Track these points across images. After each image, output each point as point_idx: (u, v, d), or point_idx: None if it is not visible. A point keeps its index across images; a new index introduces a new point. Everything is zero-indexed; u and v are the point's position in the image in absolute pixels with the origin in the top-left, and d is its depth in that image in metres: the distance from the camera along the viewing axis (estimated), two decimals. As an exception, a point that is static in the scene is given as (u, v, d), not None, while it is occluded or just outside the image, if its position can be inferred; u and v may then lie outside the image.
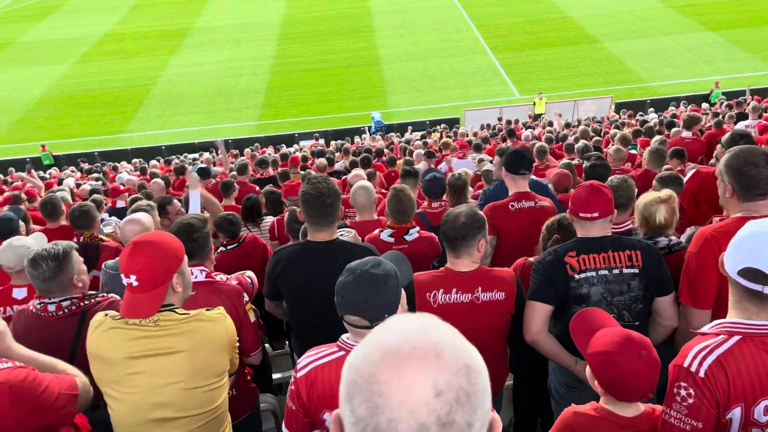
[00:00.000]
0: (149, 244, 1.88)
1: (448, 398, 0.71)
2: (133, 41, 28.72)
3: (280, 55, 26.46)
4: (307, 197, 2.52)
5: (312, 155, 11.58)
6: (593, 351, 1.71)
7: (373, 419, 0.72)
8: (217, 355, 1.89)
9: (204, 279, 2.47)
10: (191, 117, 21.27)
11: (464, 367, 0.74)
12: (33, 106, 22.85)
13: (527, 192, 3.59)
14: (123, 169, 13.71)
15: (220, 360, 1.90)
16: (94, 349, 1.89)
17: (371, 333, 0.80)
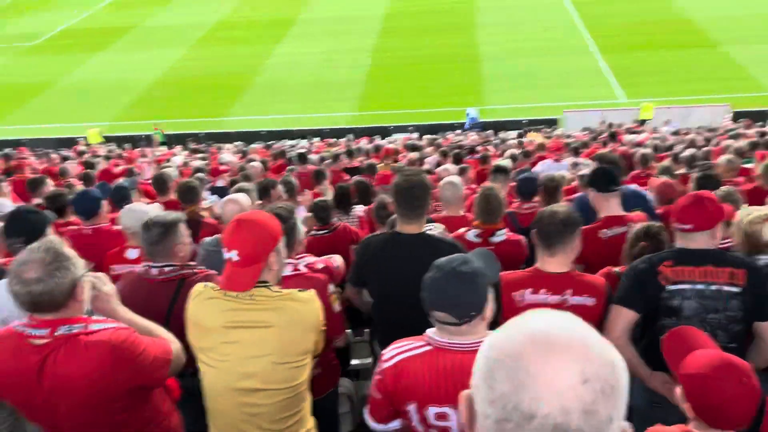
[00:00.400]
0: (251, 222, 1.99)
1: (594, 387, 0.71)
2: (242, 29, 30.03)
3: (380, 49, 26.78)
4: (400, 188, 2.57)
5: (405, 148, 11.66)
6: (688, 372, 1.62)
7: (515, 396, 0.72)
8: (304, 334, 1.97)
9: (291, 273, 2.56)
10: (290, 105, 22.00)
11: (611, 361, 0.75)
12: (150, 87, 24.48)
13: (620, 216, 3.21)
14: (225, 150, 14.40)
15: (306, 340, 1.98)
16: (192, 316, 2.02)
17: (510, 322, 0.81)
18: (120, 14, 34.24)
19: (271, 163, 9.93)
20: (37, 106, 23.52)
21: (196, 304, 2.03)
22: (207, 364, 1.98)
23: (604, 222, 3.22)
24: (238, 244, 1.94)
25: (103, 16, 34.06)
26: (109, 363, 1.80)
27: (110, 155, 12.89)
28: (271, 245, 1.99)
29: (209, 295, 1.99)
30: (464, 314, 1.65)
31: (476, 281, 1.67)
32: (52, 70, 26.70)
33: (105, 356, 1.80)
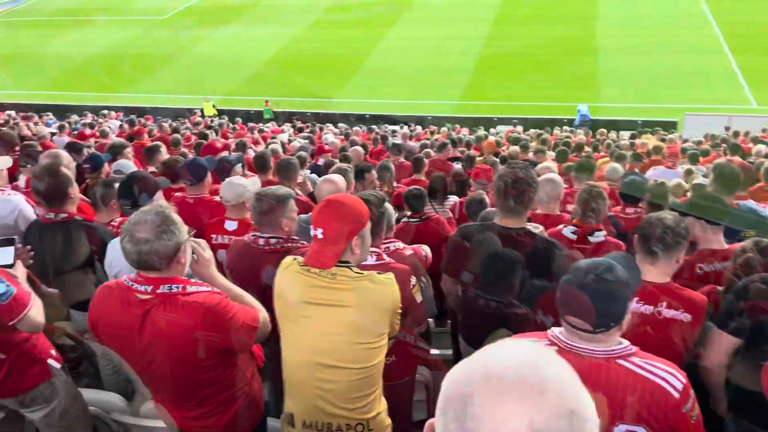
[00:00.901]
0: (339, 203, 2.04)
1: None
2: (357, 10, 30.47)
3: (493, 37, 26.24)
4: (503, 180, 2.53)
5: (507, 141, 11.40)
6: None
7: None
8: (380, 316, 2.00)
9: (374, 262, 2.60)
10: (397, 90, 22.11)
11: (569, 411, 0.68)
12: (265, 64, 25.48)
13: (723, 249, 2.84)
14: (329, 131, 14.77)
15: (382, 322, 2.01)
16: (279, 287, 2.12)
17: (479, 351, 0.76)
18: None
19: (372, 147, 10.06)
20: (164, 76, 25.21)
21: (283, 276, 2.11)
22: (287, 336, 2.07)
23: (699, 256, 2.89)
24: (324, 222, 2.01)
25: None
26: (201, 323, 1.92)
27: (217, 128, 13.56)
28: (356, 228, 2.04)
29: (295, 269, 2.07)
30: (602, 324, 1.59)
31: (620, 291, 1.60)
32: (177, 44, 28.48)
33: (198, 316, 1.93)
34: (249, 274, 2.81)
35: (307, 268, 2.02)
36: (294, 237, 2.96)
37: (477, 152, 8.81)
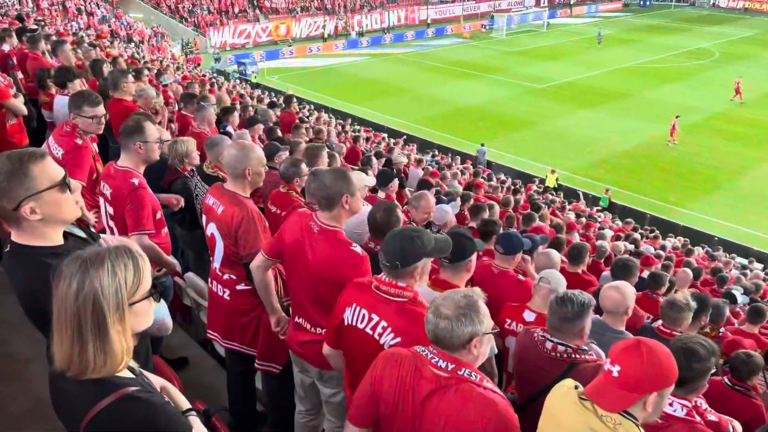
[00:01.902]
0: (652, 351, 1.84)
1: None
2: (743, 126, 27.40)
3: None
4: None
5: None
6: None
7: None
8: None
9: (683, 415, 2.25)
10: (760, 220, 19.07)
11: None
12: (619, 153, 24.73)
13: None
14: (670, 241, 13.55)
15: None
16: (550, 404, 1.99)
17: None
18: (620, 80, 35.50)
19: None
20: (517, 138, 26.53)
21: (558, 398, 1.99)
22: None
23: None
24: (626, 361, 1.83)
25: (603, 78, 35.89)
26: (488, 423, 1.87)
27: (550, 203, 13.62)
28: (659, 385, 1.82)
29: (573, 399, 1.92)
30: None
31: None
32: (542, 112, 29.70)
33: (487, 415, 1.87)
34: (529, 371, 2.75)
35: (589, 402, 1.87)
36: (584, 348, 2.77)
37: None
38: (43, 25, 17.64)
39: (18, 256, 2.07)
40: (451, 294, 1.97)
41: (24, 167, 1.97)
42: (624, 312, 3.51)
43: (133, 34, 34.40)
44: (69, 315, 1.50)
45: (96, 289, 1.51)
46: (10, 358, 3.92)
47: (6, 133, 5.48)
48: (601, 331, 3.39)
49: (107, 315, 1.53)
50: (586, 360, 2.70)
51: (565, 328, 2.72)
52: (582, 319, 2.71)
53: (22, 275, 2.06)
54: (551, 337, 2.75)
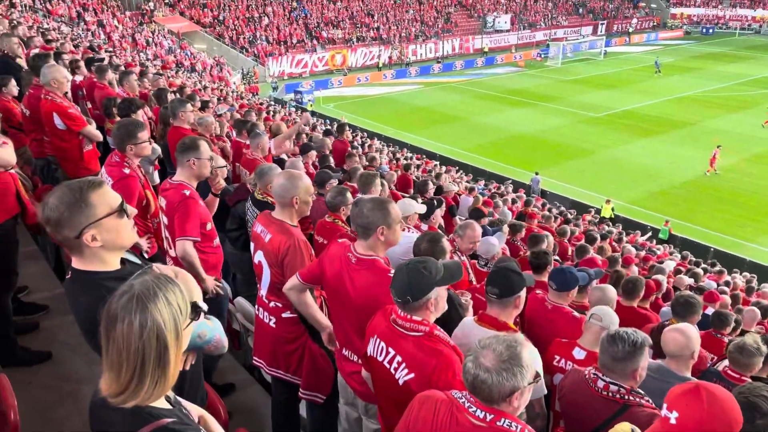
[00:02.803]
0: (715, 399, 1.72)
1: None
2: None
3: None
4: None
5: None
6: None
7: None
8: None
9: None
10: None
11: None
12: (679, 184, 23.89)
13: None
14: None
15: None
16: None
17: None
18: (681, 109, 34.50)
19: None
20: (572, 166, 26.03)
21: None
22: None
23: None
24: (685, 409, 1.72)
25: (663, 106, 34.93)
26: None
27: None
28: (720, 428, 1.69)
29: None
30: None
31: None
32: (598, 141, 29.10)
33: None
34: (579, 411, 2.63)
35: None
36: (638, 390, 2.63)
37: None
38: (112, 55, 18.62)
39: (79, 281, 2.15)
40: (493, 343, 1.88)
41: (84, 196, 2.05)
42: (689, 356, 3.29)
43: (196, 64, 35.89)
44: (131, 353, 1.51)
45: (159, 323, 1.52)
46: (67, 379, 4.04)
47: (83, 159, 5.78)
48: (663, 378, 3.16)
49: (170, 346, 1.55)
50: (640, 404, 2.55)
51: (616, 367, 2.59)
52: (635, 360, 2.57)
53: (83, 300, 2.12)
54: (603, 376, 2.63)
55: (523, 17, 57.22)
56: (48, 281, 5.31)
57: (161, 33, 38.24)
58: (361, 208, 3.00)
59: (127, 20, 37.90)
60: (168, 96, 8.38)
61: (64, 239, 2.07)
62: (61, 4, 35.28)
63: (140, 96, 8.27)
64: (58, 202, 2.03)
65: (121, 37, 34.95)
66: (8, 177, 3.96)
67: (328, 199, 4.78)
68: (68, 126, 5.63)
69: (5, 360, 3.75)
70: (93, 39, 28.32)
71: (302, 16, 46.81)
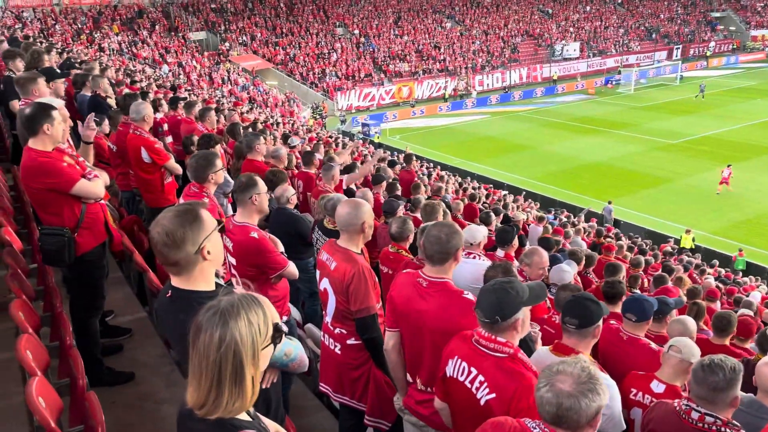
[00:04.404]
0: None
1: None
2: None
3: None
4: None
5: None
6: None
7: None
8: None
9: None
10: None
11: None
12: (762, 214, 22.52)
13: None
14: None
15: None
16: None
17: None
18: (764, 134, 32.69)
19: None
20: (647, 195, 25.08)
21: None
22: None
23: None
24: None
25: (745, 132, 33.23)
26: None
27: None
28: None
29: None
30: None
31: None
32: (675, 169, 27.94)
33: None
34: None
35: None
36: (734, 423, 2.50)
37: None
38: (190, 93, 19.71)
39: (180, 300, 2.31)
40: (563, 366, 1.83)
41: (197, 213, 2.27)
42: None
43: (268, 99, 37.37)
44: (210, 363, 1.62)
45: (237, 340, 1.63)
46: (147, 398, 4.23)
47: (164, 191, 6.14)
48: (758, 413, 2.98)
49: (245, 363, 1.64)
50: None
51: (717, 398, 2.48)
52: (735, 387, 2.49)
53: (183, 318, 2.23)
54: (697, 407, 2.52)
55: (593, 44, 56.26)
56: (131, 306, 5.61)
57: (236, 71, 40.15)
58: (438, 234, 3.02)
59: (204, 60, 40.07)
60: (241, 130, 8.78)
61: (184, 256, 2.23)
62: (146, 47, 37.81)
63: (217, 132, 8.71)
64: (177, 223, 2.21)
65: (199, 76, 36.94)
66: (98, 207, 4.24)
67: (394, 230, 4.84)
68: (153, 159, 6.01)
69: (92, 380, 3.97)
70: (173, 79, 30.09)
71: (370, 51, 47.95)
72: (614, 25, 59.65)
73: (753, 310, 8.79)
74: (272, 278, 4.04)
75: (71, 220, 4.04)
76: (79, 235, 4.07)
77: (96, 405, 2.99)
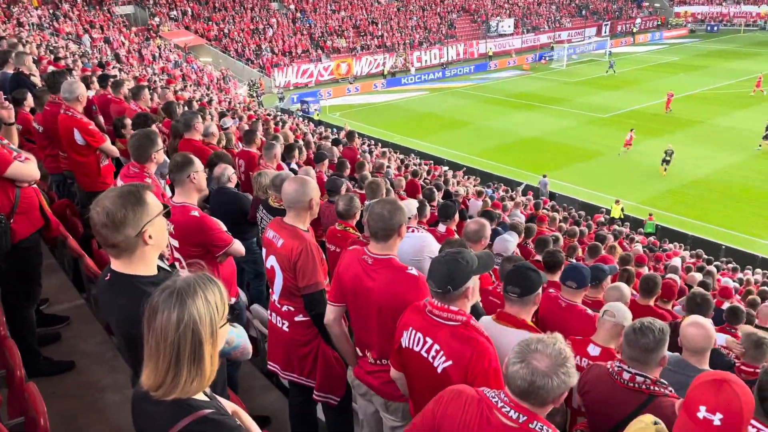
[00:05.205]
0: (741, 387, 1.76)
1: None
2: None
3: None
4: None
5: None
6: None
7: None
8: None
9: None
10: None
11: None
12: (689, 183, 23.81)
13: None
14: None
15: None
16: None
17: None
18: (689, 107, 34.36)
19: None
20: (580, 168, 26.00)
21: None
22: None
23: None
24: (726, 408, 1.73)
25: (674, 106, 34.80)
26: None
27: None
28: (749, 420, 1.73)
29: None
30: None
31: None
32: (606, 142, 29.01)
33: None
34: (606, 404, 2.67)
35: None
36: (662, 381, 2.67)
37: None
38: (121, 71, 18.85)
39: (119, 284, 2.24)
40: (541, 346, 1.88)
41: (142, 195, 2.20)
42: (708, 350, 3.33)
43: (203, 77, 36.21)
44: (168, 344, 1.61)
45: (195, 319, 1.62)
46: (89, 387, 4.12)
47: (101, 174, 5.89)
48: (683, 371, 3.20)
49: (204, 342, 1.64)
50: (665, 394, 2.60)
51: (647, 358, 2.64)
52: (663, 347, 2.66)
53: (123, 302, 2.20)
54: (628, 368, 2.67)
55: (527, 21, 57.25)
56: (67, 293, 5.41)
57: (167, 48, 38.62)
58: (381, 211, 3.05)
59: (133, 36, 38.30)
60: (177, 109, 8.50)
61: (124, 239, 2.15)
62: (68, 22, 35.75)
63: (152, 110, 8.40)
64: (119, 204, 2.13)
65: (128, 52, 35.32)
66: (32, 191, 4.05)
67: (341, 209, 4.83)
68: (87, 142, 5.74)
69: (30, 371, 3.82)
70: (101, 56, 28.65)
71: (306, 27, 47.11)
72: (546, 2, 60.86)
73: (677, 275, 9.33)
74: (218, 257, 3.98)
75: (5, 206, 3.84)
76: (15, 221, 3.87)
77: (36, 396, 2.89)
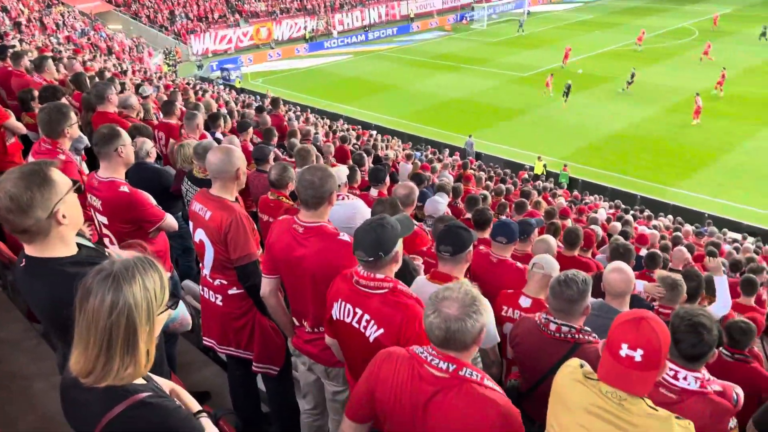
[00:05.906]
0: (658, 323, 1.83)
1: None
2: (731, 105, 27.52)
3: None
4: None
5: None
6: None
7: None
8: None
9: (697, 388, 2.28)
10: (749, 194, 19.24)
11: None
12: (606, 137, 24.85)
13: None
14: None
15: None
16: (557, 384, 2.00)
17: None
18: (604, 64, 35.64)
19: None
20: (506, 127, 26.63)
21: (564, 379, 2.00)
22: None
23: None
24: (646, 344, 1.79)
25: (586, 63, 36.00)
26: (497, 425, 1.83)
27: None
28: (666, 355, 1.83)
29: (577, 378, 1.93)
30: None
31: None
32: (528, 101, 29.77)
33: (493, 416, 1.84)
34: (534, 356, 2.77)
35: (594, 381, 1.87)
36: (586, 329, 2.82)
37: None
38: (22, 41, 17.49)
39: (36, 269, 2.08)
40: (449, 292, 1.92)
41: (47, 174, 2.01)
42: (629, 293, 3.51)
43: (113, 46, 34.17)
44: (100, 329, 1.51)
45: (130, 305, 1.53)
46: (14, 376, 3.91)
47: (7, 153, 5.48)
48: (607, 315, 3.38)
49: (139, 329, 1.55)
50: (589, 341, 2.74)
51: (571, 309, 2.75)
52: (586, 298, 2.78)
53: (42, 287, 2.06)
54: (554, 319, 2.78)
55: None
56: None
57: (72, 15, 36.09)
58: (311, 178, 2.99)
59: (33, 3, 35.50)
60: (87, 80, 8.00)
61: (34, 223, 1.98)
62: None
63: (59, 83, 7.86)
64: (23, 186, 1.95)
65: (28, 21, 32.77)
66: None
67: (274, 177, 4.71)
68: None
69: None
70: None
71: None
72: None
73: (599, 225, 9.79)
74: (150, 232, 3.81)
75: None
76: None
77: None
